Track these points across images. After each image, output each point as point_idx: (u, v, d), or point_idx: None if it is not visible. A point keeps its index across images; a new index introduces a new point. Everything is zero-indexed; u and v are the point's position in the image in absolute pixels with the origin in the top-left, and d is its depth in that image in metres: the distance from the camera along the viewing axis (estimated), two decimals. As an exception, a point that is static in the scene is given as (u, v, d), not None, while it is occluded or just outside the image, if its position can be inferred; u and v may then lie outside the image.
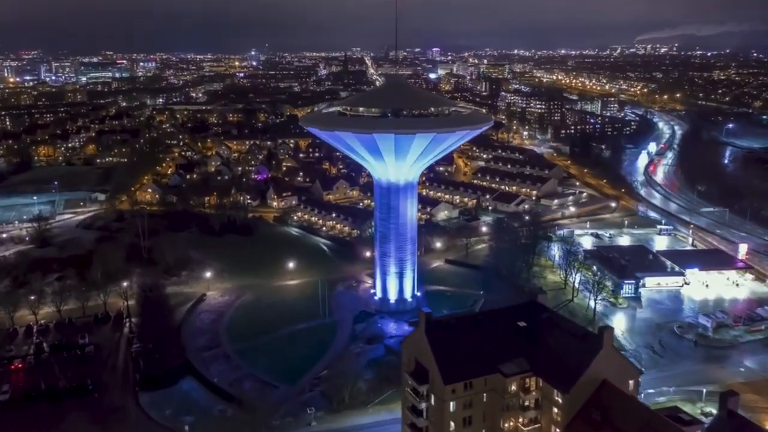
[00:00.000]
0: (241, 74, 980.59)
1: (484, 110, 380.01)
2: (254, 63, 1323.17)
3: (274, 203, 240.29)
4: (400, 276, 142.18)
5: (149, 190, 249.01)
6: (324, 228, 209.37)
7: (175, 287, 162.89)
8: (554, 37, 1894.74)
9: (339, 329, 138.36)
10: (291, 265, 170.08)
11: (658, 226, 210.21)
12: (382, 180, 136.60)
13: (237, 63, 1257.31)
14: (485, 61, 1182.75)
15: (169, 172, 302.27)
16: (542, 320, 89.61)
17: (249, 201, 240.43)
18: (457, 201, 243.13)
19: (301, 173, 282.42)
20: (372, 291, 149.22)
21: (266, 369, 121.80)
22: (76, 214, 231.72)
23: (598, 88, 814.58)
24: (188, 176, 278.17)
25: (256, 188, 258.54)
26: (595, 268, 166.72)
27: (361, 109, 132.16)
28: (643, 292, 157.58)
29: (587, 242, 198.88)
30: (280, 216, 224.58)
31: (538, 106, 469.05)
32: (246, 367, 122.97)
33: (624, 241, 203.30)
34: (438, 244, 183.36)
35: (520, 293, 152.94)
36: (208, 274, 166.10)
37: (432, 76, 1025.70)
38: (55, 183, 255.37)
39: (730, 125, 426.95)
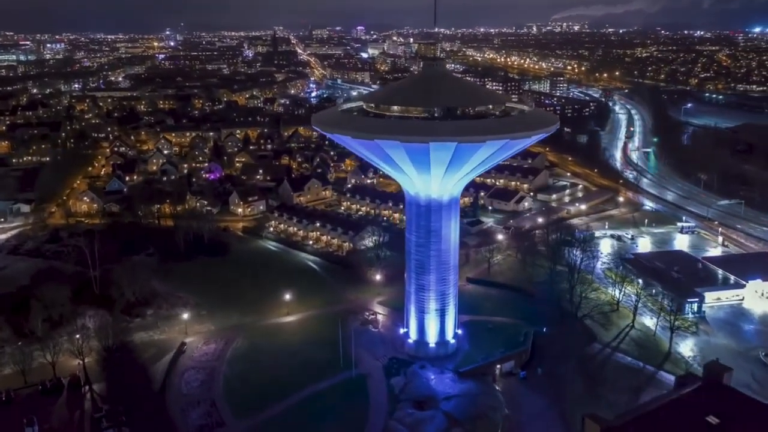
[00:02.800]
0: (162, 56, 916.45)
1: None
2: (172, 44, 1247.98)
3: (239, 210, 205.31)
4: (442, 313, 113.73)
5: (86, 198, 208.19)
6: (310, 241, 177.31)
7: (142, 333, 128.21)
8: (471, 15, 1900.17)
9: (370, 386, 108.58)
10: (287, 296, 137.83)
11: (679, 224, 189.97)
12: (420, 196, 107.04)
13: (156, 44, 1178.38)
14: (411, 40, 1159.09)
15: (102, 172, 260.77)
16: (738, 413, 64.10)
17: (208, 208, 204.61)
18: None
19: (260, 171, 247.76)
20: (403, 330, 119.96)
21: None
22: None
23: (536, 67, 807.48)
24: (128, 178, 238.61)
25: (213, 191, 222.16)
26: (641, 281, 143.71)
27: (395, 107, 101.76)
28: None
29: (607, 245, 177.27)
30: (252, 227, 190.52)
31: (494, 87, 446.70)
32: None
33: (645, 242, 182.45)
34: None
35: (574, 321, 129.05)
36: (185, 315, 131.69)
37: (364, 55, 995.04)
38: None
39: (689, 105, 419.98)
